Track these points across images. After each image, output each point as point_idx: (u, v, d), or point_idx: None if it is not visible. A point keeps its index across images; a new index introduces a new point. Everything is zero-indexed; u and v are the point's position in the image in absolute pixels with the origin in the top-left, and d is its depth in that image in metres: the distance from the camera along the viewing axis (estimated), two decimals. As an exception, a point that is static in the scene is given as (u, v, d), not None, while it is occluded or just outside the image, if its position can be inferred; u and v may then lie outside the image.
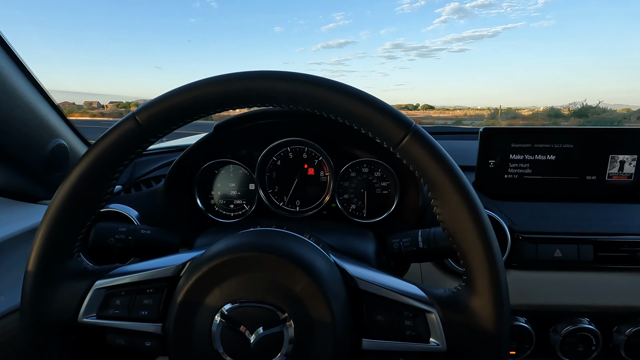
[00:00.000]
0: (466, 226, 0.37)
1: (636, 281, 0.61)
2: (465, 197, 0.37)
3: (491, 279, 0.36)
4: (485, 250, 0.36)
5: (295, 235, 0.42)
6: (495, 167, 0.70)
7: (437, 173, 0.37)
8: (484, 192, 0.70)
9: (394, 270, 0.60)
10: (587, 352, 0.62)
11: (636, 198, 0.68)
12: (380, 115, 0.37)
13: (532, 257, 0.62)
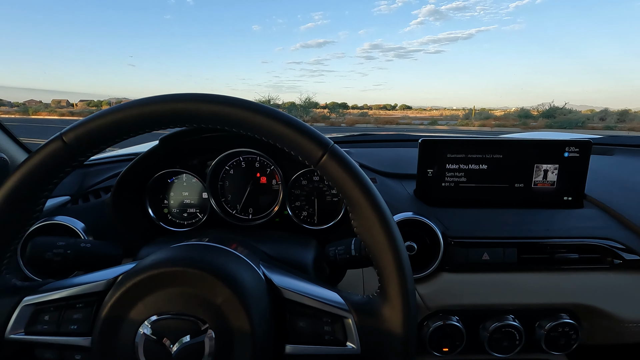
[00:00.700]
0: (378, 239, 0.41)
1: (555, 281, 0.67)
2: (378, 212, 0.41)
3: (400, 287, 0.40)
4: (395, 262, 0.40)
5: (222, 248, 0.44)
6: (433, 176, 0.75)
7: (352, 189, 0.40)
8: (424, 199, 0.75)
9: (331, 277, 0.64)
10: (511, 346, 0.67)
11: (559, 204, 0.74)
12: (300, 135, 0.40)
13: (463, 260, 0.67)
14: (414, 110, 58.17)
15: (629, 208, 0.72)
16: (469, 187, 0.75)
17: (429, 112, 40.36)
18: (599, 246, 0.67)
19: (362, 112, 29.62)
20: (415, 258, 0.68)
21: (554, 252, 0.67)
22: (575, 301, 0.66)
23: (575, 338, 0.68)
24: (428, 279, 0.67)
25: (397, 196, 0.76)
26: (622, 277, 0.67)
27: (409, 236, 0.68)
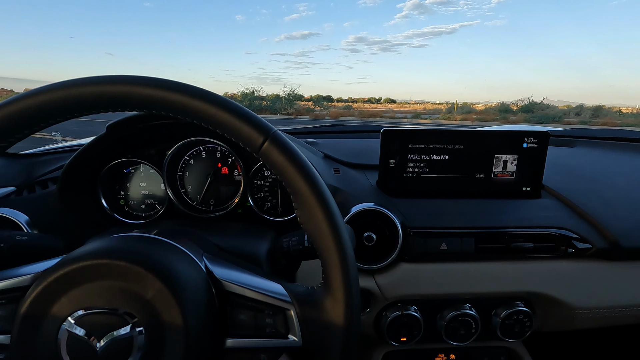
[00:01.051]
0: (321, 228, 0.40)
1: (511, 270, 0.68)
2: (321, 201, 0.40)
3: (343, 278, 0.39)
4: (338, 252, 0.39)
5: (160, 240, 0.42)
6: (395, 166, 0.74)
7: (295, 177, 0.39)
8: (386, 190, 0.74)
9: (287, 269, 0.63)
10: (467, 334, 0.68)
11: (518, 194, 0.75)
12: (240, 121, 0.38)
13: (421, 251, 0.67)
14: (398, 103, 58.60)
15: (584, 197, 0.73)
16: (430, 178, 0.75)
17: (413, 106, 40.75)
18: (554, 235, 0.69)
19: (347, 105, 29.61)
20: (374, 249, 0.67)
21: (510, 242, 0.68)
22: (529, 289, 0.67)
23: (529, 325, 0.69)
24: (387, 270, 0.67)
25: (360, 187, 0.75)
26: (574, 266, 0.68)
27: (368, 227, 0.67)
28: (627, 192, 0.76)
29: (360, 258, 0.67)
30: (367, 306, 0.68)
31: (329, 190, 0.40)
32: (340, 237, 0.40)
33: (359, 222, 0.68)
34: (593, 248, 0.68)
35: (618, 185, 0.79)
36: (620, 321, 0.72)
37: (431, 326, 0.70)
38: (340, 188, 0.73)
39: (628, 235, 0.68)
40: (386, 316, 0.68)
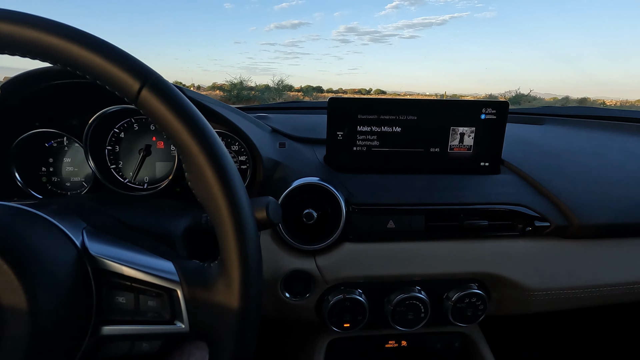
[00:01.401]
0: (213, 192, 0.33)
1: (464, 249, 0.63)
2: (212, 159, 0.33)
3: (239, 254, 0.33)
4: (234, 222, 0.33)
5: (22, 210, 0.35)
6: (343, 139, 0.68)
7: (179, 131, 0.33)
8: (334, 165, 0.68)
9: (209, 247, 0.56)
10: (416, 319, 0.63)
11: (475, 169, 0.70)
12: (112, 64, 0.31)
13: (366, 229, 0.61)
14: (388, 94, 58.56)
15: (545, 173, 0.68)
16: (382, 152, 0.69)
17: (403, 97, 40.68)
18: (510, 212, 0.64)
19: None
20: (315, 227, 0.61)
21: (464, 220, 0.63)
22: (483, 270, 0.62)
23: (483, 309, 0.65)
24: (329, 250, 0.61)
25: (305, 161, 0.69)
26: (531, 245, 0.64)
27: (309, 203, 0.61)
28: (590, 170, 0.72)
29: (299, 237, 0.61)
30: (307, 290, 0.62)
31: (270, 164, 0.34)
32: (236, 203, 0.34)
33: (299, 198, 0.61)
34: (551, 226, 0.63)
35: (582, 162, 0.74)
36: (577, 303, 0.68)
37: (377, 311, 0.65)
38: (283, 162, 0.66)
39: (587, 212, 0.63)
40: (327, 301, 0.62)
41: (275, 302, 0.63)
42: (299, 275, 0.61)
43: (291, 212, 0.61)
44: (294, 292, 0.62)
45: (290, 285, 0.62)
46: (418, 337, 0.71)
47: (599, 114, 0.99)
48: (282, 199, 0.60)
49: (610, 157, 0.77)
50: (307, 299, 0.62)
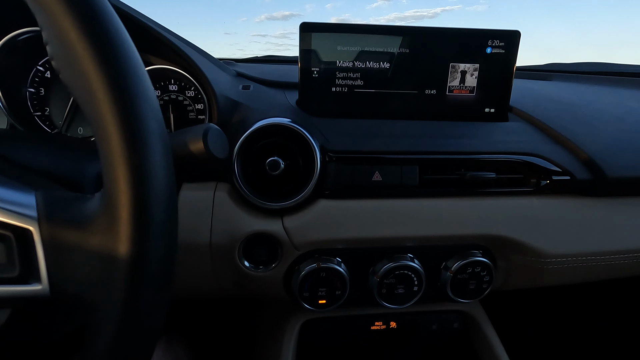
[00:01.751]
0: (92, 86, 0.21)
1: (466, 208, 0.51)
2: (89, 30, 0.20)
3: (132, 175, 0.21)
4: (122, 127, 0.21)
5: None
6: (320, 77, 0.55)
7: None
8: (309, 109, 0.56)
9: None
10: (408, 293, 0.52)
11: (478, 117, 0.58)
12: None
13: (347, 182, 0.49)
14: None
15: (562, 120, 0.57)
16: (366, 94, 0.56)
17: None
18: (523, 164, 0.52)
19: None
20: (282, 181, 0.49)
21: (466, 171, 0.51)
22: (490, 232, 0.51)
23: (489, 281, 0.53)
24: (299, 209, 0.49)
25: (273, 104, 0.56)
26: (546, 203, 0.52)
27: (275, 151, 0.49)
28: (613, 118, 0.60)
29: (262, 193, 0.49)
30: (272, 259, 0.50)
31: (227, 104, 0.22)
32: (133, 102, 0.21)
33: (262, 143, 0.49)
34: (572, 180, 0.52)
35: (602, 110, 0.63)
36: (596, 274, 0.57)
37: (360, 284, 0.53)
38: (244, 103, 0.53)
39: (615, 163, 0.52)
40: (298, 271, 0.50)
41: (232, 275, 0.51)
42: (262, 239, 0.49)
43: (252, 161, 0.49)
44: (257, 261, 0.50)
45: (252, 253, 0.49)
46: (410, 317, 0.59)
47: (613, 69, 0.88)
48: (240, 143, 0.48)
49: (631, 106, 0.66)
50: (273, 270, 0.50)
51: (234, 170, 0.47)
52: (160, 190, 0.21)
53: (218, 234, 0.48)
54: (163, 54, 0.55)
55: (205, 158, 0.35)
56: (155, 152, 0.21)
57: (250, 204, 0.49)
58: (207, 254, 0.49)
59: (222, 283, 0.52)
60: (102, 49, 0.20)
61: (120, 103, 0.20)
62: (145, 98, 0.21)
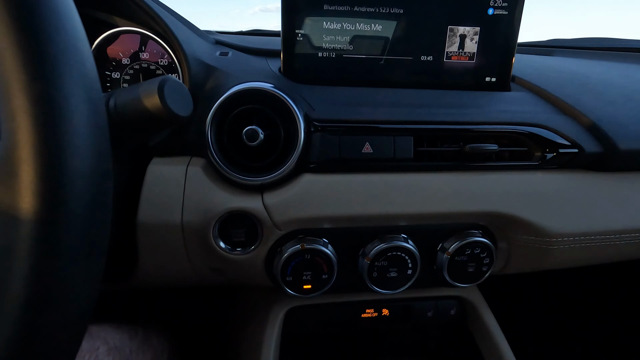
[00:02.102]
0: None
1: (463, 183, 0.46)
2: None
3: (35, 117, 0.15)
4: (25, 49, 0.15)
5: None
6: (305, 40, 0.50)
7: None
8: (293, 75, 0.50)
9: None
10: (402, 277, 0.47)
11: (479, 86, 0.53)
12: None
13: (334, 155, 0.44)
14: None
15: (569, 90, 0.52)
16: (356, 60, 0.51)
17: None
18: (527, 135, 0.48)
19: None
20: (263, 153, 0.44)
21: (465, 143, 0.46)
22: (491, 209, 0.46)
23: (489, 263, 0.49)
24: (281, 184, 0.44)
25: (253, 70, 0.51)
26: (552, 178, 0.48)
27: (254, 120, 0.44)
28: (621, 87, 0.56)
29: (239, 167, 0.44)
30: (252, 240, 0.45)
31: (200, 69, 0.30)
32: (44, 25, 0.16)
33: (240, 111, 0.44)
34: (580, 153, 0.47)
35: (610, 80, 0.58)
36: (604, 256, 0.53)
37: (349, 267, 0.48)
38: (220, 68, 0.48)
39: (627, 135, 0.48)
40: (281, 253, 0.45)
41: (208, 258, 0.46)
42: (239, 218, 0.44)
43: (228, 131, 0.44)
44: (235, 243, 0.45)
45: (229, 234, 0.45)
46: (403, 303, 0.55)
47: (617, 45, 0.84)
48: (214, 109, 0.42)
49: (638, 76, 0.61)
50: (252, 252, 0.45)
51: (207, 140, 0.42)
52: (78, 126, 0.16)
53: (190, 212, 0.43)
54: (131, 15, 0.50)
55: (163, 115, 0.30)
56: (68, 76, 0.16)
57: (226, 179, 0.44)
58: (179, 234, 0.44)
59: (197, 267, 0.48)
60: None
61: (22, 26, 0.15)
62: (55, 7, 0.16)
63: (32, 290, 0.16)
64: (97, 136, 0.18)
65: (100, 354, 0.39)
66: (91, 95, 0.17)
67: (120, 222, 0.44)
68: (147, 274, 0.48)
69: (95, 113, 0.18)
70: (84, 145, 0.17)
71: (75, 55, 0.17)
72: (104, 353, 0.40)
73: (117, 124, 0.30)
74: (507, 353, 0.53)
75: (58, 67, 0.16)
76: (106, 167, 0.18)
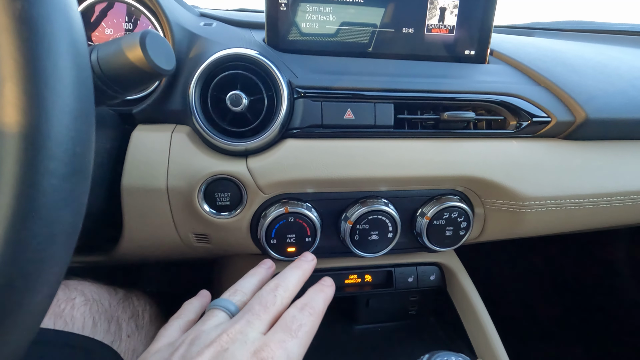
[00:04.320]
0: None
1: (442, 150, 0.48)
2: None
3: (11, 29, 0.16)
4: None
5: None
6: (288, 10, 0.51)
7: None
8: (277, 46, 0.51)
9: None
10: (382, 240, 0.49)
11: (457, 58, 0.55)
12: None
13: (316, 121, 0.45)
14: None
15: (544, 63, 0.54)
16: (339, 31, 0.52)
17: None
18: (503, 105, 0.50)
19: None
20: (246, 119, 0.45)
21: (444, 111, 0.48)
22: (468, 174, 0.48)
23: (466, 227, 0.51)
24: (266, 150, 0.45)
25: (238, 39, 0.51)
26: (525, 146, 0.50)
27: (238, 86, 0.44)
28: (594, 62, 0.58)
29: (222, 131, 0.44)
30: (237, 205, 0.46)
31: (183, 36, 0.33)
32: None
33: (223, 77, 0.44)
34: (553, 121, 0.50)
35: (584, 55, 0.61)
36: (573, 223, 0.56)
37: (331, 232, 0.50)
38: (204, 36, 0.48)
39: (596, 104, 0.50)
40: (265, 217, 0.46)
41: (194, 223, 0.47)
42: (224, 182, 0.45)
43: (212, 97, 0.44)
44: (220, 207, 0.46)
45: (214, 198, 0.46)
46: (386, 269, 0.57)
47: (596, 27, 0.86)
48: (198, 74, 0.43)
49: (614, 55, 0.64)
50: (237, 216, 0.46)
51: (191, 104, 0.43)
52: (59, 43, 0.17)
53: (175, 177, 0.44)
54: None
55: (146, 68, 0.30)
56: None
57: (211, 145, 0.45)
58: (165, 198, 0.45)
59: (183, 234, 0.48)
60: None
61: None
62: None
63: (18, 202, 0.17)
64: (78, 55, 0.18)
65: (76, 304, 0.40)
66: (70, 15, 0.18)
67: (108, 188, 0.45)
68: (133, 242, 0.49)
69: (77, 35, 0.18)
70: (66, 62, 0.18)
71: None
72: (81, 303, 0.40)
73: (100, 78, 0.31)
74: (484, 315, 0.56)
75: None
76: (90, 84, 0.19)
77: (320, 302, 0.34)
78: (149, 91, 0.49)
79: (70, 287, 0.42)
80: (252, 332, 0.29)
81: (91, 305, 0.41)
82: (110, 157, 0.44)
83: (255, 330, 0.29)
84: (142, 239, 0.49)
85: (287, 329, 0.29)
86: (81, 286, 0.43)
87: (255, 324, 0.29)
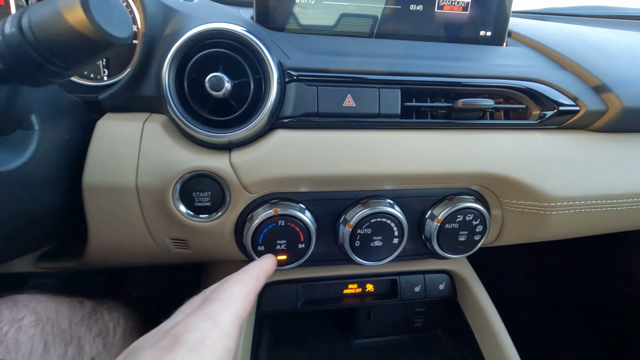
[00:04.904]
0: None
1: (455, 143, 0.42)
2: None
3: None
4: None
5: None
6: (280, -15, 0.44)
7: None
8: (268, 23, 0.45)
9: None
10: (387, 247, 0.43)
11: (472, 40, 0.48)
12: None
13: (311, 109, 0.39)
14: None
15: (569, 45, 0.48)
16: (338, 7, 0.46)
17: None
18: (525, 91, 0.43)
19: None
20: (230, 106, 0.39)
21: (457, 98, 0.42)
22: (485, 170, 0.42)
23: (482, 231, 0.45)
24: (252, 142, 0.39)
25: (221, 14, 0.45)
26: (551, 139, 0.44)
27: (220, 67, 0.38)
28: (623, 45, 0.52)
29: (203, 121, 0.38)
30: (218, 206, 0.40)
31: (156, 10, 0.29)
32: None
33: (203, 57, 0.38)
34: (582, 110, 0.43)
35: (610, 37, 0.54)
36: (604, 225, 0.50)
37: (328, 236, 0.44)
38: (182, 11, 0.42)
39: (632, 92, 0.44)
40: (252, 220, 0.40)
41: (168, 226, 0.40)
42: (204, 179, 0.39)
43: (190, 79, 0.38)
44: (198, 208, 0.40)
45: (191, 198, 0.39)
46: (389, 277, 0.51)
47: (615, 12, 0.80)
48: (173, 52, 0.37)
49: None
50: (219, 219, 0.40)
51: (165, 88, 0.37)
52: None
53: (146, 173, 0.38)
54: None
55: (92, 35, 0.24)
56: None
57: (189, 137, 0.39)
58: (134, 198, 0.38)
59: (158, 239, 0.42)
60: None
61: None
62: None
63: None
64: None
65: (24, 325, 0.34)
66: None
67: (68, 186, 0.38)
68: (101, 247, 0.43)
69: None
70: None
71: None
72: (30, 324, 0.34)
73: (35, 48, 0.24)
74: (499, 329, 0.50)
75: None
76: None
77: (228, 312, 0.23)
78: (120, 77, 0.42)
79: (19, 305, 0.35)
80: None
81: (44, 326, 0.35)
82: (70, 150, 0.38)
83: None
84: (112, 244, 0.43)
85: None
86: (34, 302, 0.37)
87: None
